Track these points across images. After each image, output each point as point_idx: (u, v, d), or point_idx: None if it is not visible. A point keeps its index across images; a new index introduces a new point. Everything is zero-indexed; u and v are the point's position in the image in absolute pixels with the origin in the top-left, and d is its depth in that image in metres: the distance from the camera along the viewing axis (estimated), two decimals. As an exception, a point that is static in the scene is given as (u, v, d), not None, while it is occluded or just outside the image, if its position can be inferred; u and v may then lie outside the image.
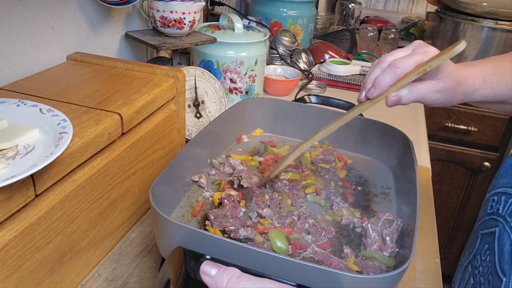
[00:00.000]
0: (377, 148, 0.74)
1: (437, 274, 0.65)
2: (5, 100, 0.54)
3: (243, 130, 0.78)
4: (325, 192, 0.65)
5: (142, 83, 0.69)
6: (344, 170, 0.72)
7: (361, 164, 0.74)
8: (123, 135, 0.61)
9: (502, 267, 0.51)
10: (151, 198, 0.47)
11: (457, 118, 1.61)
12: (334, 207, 0.62)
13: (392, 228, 0.56)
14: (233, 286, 0.39)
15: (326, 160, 0.73)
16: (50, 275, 0.51)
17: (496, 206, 0.56)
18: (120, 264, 0.61)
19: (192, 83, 0.87)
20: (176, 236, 0.45)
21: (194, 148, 0.63)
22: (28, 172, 0.41)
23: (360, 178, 0.71)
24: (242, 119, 0.77)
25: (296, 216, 0.59)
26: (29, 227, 0.46)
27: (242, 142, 0.77)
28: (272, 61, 1.30)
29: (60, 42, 0.79)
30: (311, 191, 0.65)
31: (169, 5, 0.87)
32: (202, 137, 0.65)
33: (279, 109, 0.79)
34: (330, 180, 0.69)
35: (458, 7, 1.46)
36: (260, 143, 0.77)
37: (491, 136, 1.62)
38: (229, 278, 0.39)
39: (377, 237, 0.55)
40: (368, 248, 0.54)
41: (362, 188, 0.68)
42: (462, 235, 1.80)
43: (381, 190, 0.68)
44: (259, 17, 1.44)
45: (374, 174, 0.71)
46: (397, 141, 0.71)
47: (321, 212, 0.61)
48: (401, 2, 2.14)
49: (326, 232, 0.57)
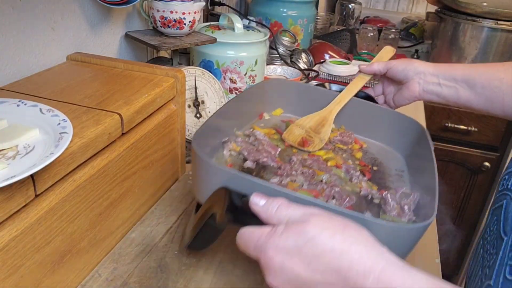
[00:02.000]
0: (391, 135, 0.77)
1: (437, 274, 0.65)
2: (5, 100, 0.54)
3: (264, 108, 0.80)
4: (345, 166, 0.67)
5: (142, 83, 0.69)
6: (360, 152, 0.74)
7: (375, 149, 0.76)
8: (123, 135, 0.61)
9: (505, 229, 0.54)
10: (195, 146, 0.51)
11: (457, 118, 1.61)
12: (353, 179, 0.64)
13: (409, 199, 0.59)
14: (282, 212, 0.42)
15: (343, 141, 0.75)
16: (50, 275, 0.51)
17: (507, 183, 0.58)
18: (120, 264, 0.61)
19: (192, 83, 0.87)
20: (218, 178, 0.48)
21: (220, 119, 0.66)
22: (28, 172, 0.41)
23: (375, 160, 0.73)
24: (264, 98, 0.79)
25: (324, 185, 0.61)
26: (29, 227, 0.46)
27: (264, 119, 0.79)
28: (272, 61, 1.30)
29: (60, 42, 0.79)
30: (332, 164, 0.67)
31: (169, 5, 0.87)
32: (227, 109, 0.68)
33: (299, 92, 0.81)
34: (348, 159, 0.71)
35: (458, 7, 1.46)
36: (281, 121, 0.79)
37: (491, 136, 1.62)
38: (278, 206, 0.43)
39: (396, 205, 0.58)
40: (388, 214, 0.57)
41: (377, 168, 0.71)
42: (462, 235, 1.80)
43: (395, 172, 0.70)
44: (259, 17, 1.44)
45: (388, 158, 0.74)
46: (410, 129, 0.73)
47: (341, 184, 0.63)
48: (401, 2, 2.14)
49: (350, 198, 0.59)
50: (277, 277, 0.41)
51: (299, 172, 0.63)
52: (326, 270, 0.39)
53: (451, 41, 1.52)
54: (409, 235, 0.47)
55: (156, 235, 0.66)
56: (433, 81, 0.72)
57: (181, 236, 0.66)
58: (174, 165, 0.78)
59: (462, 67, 0.71)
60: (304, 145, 0.71)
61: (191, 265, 0.61)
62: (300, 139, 0.72)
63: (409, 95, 0.75)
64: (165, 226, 0.68)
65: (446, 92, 0.72)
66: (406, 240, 0.47)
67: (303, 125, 0.75)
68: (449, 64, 0.73)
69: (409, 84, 0.74)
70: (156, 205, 0.73)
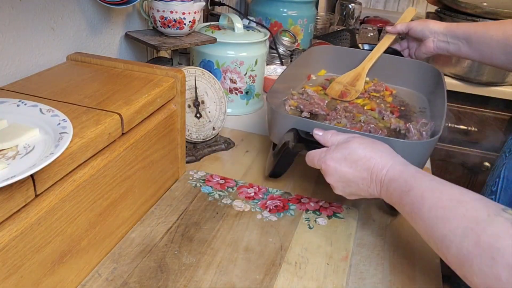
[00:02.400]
0: (415, 81, 0.96)
1: (437, 274, 0.65)
2: (5, 100, 0.54)
3: (311, 71, 1.01)
4: (378, 109, 0.85)
5: (142, 83, 0.69)
6: (390, 97, 0.92)
7: (403, 93, 0.96)
8: (123, 135, 0.61)
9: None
10: (269, 101, 0.75)
11: (456, 119, 1.61)
12: (385, 118, 0.83)
13: (427, 127, 0.77)
14: (333, 138, 0.65)
15: (376, 90, 0.94)
16: (50, 275, 0.51)
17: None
18: (120, 264, 0.61)
19: (192, 83, 0.87)
20: (290, 123, 0.71)
21: (280, 84, 0.84)
22: (28, 172, 0.41)
23: (403, 102, 0.92)
24: (310, 63, 1.01)
25: (362, 123, 0.79)
26: (29, 227, 0.46)
27: (311, 79, 1.00)
28: (272, 61, 1.30)
29: (60, 42, 0.79)
30: (368, 108, 0.86)
31: (169, 5, 0.87)
32: (284, 75, 0.87)
33: (338, 54, 1.03)
34: (381, 103, 0.89)
35: (458, 7, 1.46)
36: (325, 80, 1.00)
37: (491, 136, 1.61)
38: (331, 134, 0.66)
39: (417, 132, 0.76)
40: (410, 139, 0.75)
41: (405, 108, 0.89)
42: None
43: (419, 109, 0.89)
44: (259, 17, 1.44)
45: (413, 99, 0.93)
46: (429, 74, 0.94)
47: (375, 122, 0.80)
48: (401, 2, 2.14)
49: (382, 132, 0.77)
50: (333, 176, 0.63)
51: (342, 116, 0.81)
52: (362, 170, 0.60)
53: (451, 41, 1.52)
54: (418, 149, 0.67)
55: (156, 235, 0.66)
56: (443, 40, 0.92)
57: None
58: (174, 165, 0.78)
59: (465, 26, 0.90)
60: (343, 96, 0.90)
61: (191, 265, 0.61)
62: (340, 92, 0.91)
63: (426, 51, 0.95)
64: (165, 226, 0.68)
65: (452, 48, 0.91)
66: (418, 153, 0.67)
67: (342, 82, 0.94)
68: (456, 24, 0.92)
69: (426, 42, 0.94)
70: (156, 205, 0.73)
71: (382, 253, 0.68)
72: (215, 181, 0.80)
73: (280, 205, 0.75)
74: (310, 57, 1.00)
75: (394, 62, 0.99)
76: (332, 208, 0.76)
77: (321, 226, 0.71)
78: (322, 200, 0.78)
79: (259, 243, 0.66)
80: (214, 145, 0.92)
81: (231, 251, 0.64)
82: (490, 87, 1.52)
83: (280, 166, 0.76)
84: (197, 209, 0.73)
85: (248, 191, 0.78)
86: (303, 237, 0.68)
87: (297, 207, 0.75)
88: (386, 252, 0.68)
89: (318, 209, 0.75)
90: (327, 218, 0.73)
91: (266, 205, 0.75)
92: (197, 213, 0.72)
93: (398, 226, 0.74)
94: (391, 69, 0.98)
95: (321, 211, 0.75)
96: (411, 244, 0.70)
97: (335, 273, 0.62)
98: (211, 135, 0.91)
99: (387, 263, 0.66)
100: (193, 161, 0.87)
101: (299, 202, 0.77)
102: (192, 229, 0.68)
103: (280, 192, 0.79)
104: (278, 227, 0.70)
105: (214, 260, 0.62)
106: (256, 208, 0.74)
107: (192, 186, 0.78)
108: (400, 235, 0.72)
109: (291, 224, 0.71)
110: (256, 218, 0.72)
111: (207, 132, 0.90)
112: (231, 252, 0.64)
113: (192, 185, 0.79)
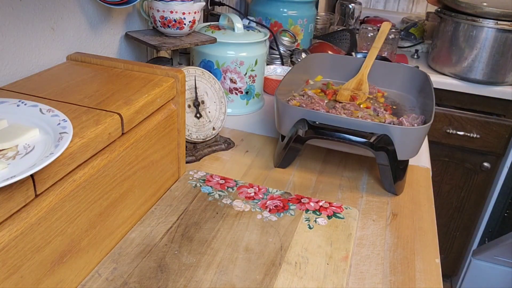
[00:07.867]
0: (404, 84, 1.07)
1: (437, 274, 0.65)
2: (5, 100, 0.54)
3: (309, 76, 1.11)
4: (373, 107, 0.95)
5: (142, 83, 0.69)
6: (382, 98, 1.02)
7: (394, 95, 1.05)
8: (123, 135, 0.61)
9: None
10: (277, 96, 0.83)
11: (459, 125, 1.60)
12: (379, 114, 0.91)
13: (418, 120, 0.86)
14: None
15: (369, 92, 1.04)
16: (50, 275, 0.51)
17: None
18: (120, 264, 0.61)
19: (192, 83, 0.87)
20: (298, 114, 0.80)
21: (283, 86, 0.92)
22: (28, 172, 0.41)
23: (394, 102, 1.01)
24: (308, 69, 1.10)
25: (360, 119, 0.82)
26: (29, 227, 0.46)
27: (310, 84, 1.10)
28: (272, 61, 1.30)
29: (60, 42, 0.79)
30: (364, 106, 0.95)
31: (169, 5, 0.87)
32: (286, 80, 0.94)
33: (333, 61, 1.13)
34: (374, 103, 0.98)
35: (458, 7, 1.46)
36: (322, 84, 1.09)
37: (494, 143, 1.60)
38: None
39: (409, 125, 0.84)
40: None
41: (396, 107, 0.98)
42: (462, 235, 1.79)
43: (409, 108, 0.98)
44: (259, 17, 1.44)
45: (404, 100, 1.03)
46: (417, 77, 1.04)
47: (372, 118, 0.88)
48: (401, 2, 2.14)
49: None
50: None
51: (341, 113, 0.88)
52: None
53: (451, 41, 1.52)
54: (414, 134, 0.77)
55: (156, 235, 0.66)
56: None
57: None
58: (174, 165, 0.78)
59: None
60: (354, 100, 0.99)
61: (191, 265, 0.61)
62: (350, 97, 1.00)
63: None
64: (165, 226, 0.68)
65: None
66: (412, 138, 0.77)
67: (348, 88, 1.04)
68: None
69: None
70: (156, 205, 0.73)
71: (382, 253, 0.68)
72: (215, 181, 0.80)
73: (280, 205, 0.75)
74: (307, 64, 1.09)
75: (384, 67, 1.09)
76: (332, 208, 0.76)
77: (321, 226, 0.71)
78: (322, 200, 0.78)
79: (259, 243, 0.66)
80: (214, 145, 0.92)
81: (231, 251, 0.64)
82: (490, 87, 1.52)
83: (289, 155, 0.85)
84: (197, 209, 0.73)
85: (248, 191, 0.78)
86: (303, 237, 0.68)
87: (297, 207, 0.75)
88: (386, 252, 0.68)
89: (318, 209, 0.75)
90: (327, 218, 0.73)
91: (266, 205, 0.75)
92: (197, 213, 0.72)
93: (398, 226, 0.74)
94: (381, 73, 1.08)
95: (321, 211, 0.75)
96: (411, 244, 0.70)
97: (335, 273, 0.62)
98: (211, 135, 0.91)
99: (387, 263, 0.66)
100: (193, 161, 0.88)
101: (299, 202, 0.77)
102: (192, 229, 0.68)
103: (280, 192, 0.79)
104: (278, 227, 0.70)
105: (214, 260, 0.62)
106: (256, 208, 0.74)
107: (192, 186, 0.78)
108: (400, 235, 0.72)
109: (291, 224, 0.71)
110: (256, 218, 0.72)
111: (207, 132, 0.90)
112: (231, 252, 0.64)
113: (192, 185, 0.79)
